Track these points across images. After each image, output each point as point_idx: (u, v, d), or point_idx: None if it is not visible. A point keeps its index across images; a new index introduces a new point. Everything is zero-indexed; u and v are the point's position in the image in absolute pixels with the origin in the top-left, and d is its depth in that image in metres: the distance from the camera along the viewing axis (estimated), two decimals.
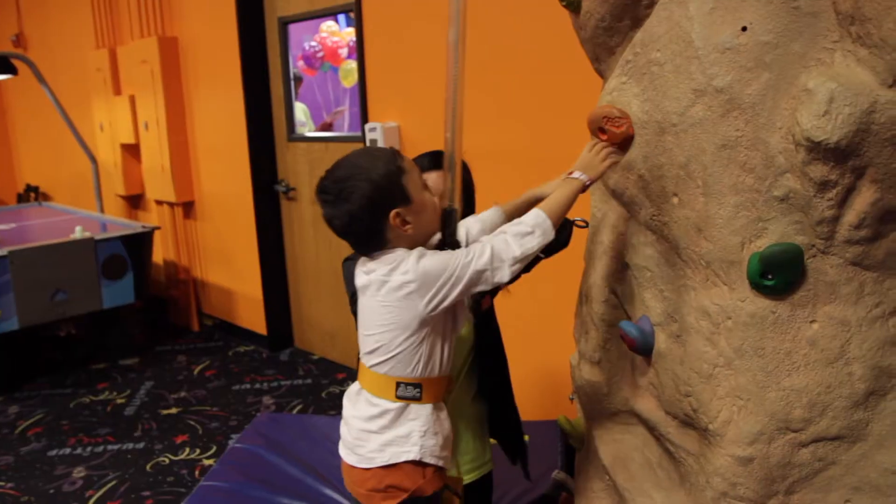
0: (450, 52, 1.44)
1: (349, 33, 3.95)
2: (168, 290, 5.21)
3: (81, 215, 5.14)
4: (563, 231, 1.48)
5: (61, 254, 3.93)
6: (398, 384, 1.38)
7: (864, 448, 1.17)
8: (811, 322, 1.15)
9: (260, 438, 2.66)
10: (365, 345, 1.43)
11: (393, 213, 1.32)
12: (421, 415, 1.39)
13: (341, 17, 4.45)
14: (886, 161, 1.00)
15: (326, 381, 4.04)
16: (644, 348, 1.44)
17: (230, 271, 4.75)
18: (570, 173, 1.36)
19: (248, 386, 4.01)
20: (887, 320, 1.12)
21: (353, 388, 1.48)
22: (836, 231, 1.09)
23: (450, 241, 1.42)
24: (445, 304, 1.32)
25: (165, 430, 3.50)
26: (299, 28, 4.06)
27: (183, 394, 3.93)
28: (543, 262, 1.62)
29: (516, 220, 1.34)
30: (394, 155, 1.37)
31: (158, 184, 4.92)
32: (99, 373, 4.28)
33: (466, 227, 1.49)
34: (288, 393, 3.90)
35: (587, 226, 1.68)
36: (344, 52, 4.52)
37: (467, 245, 1.39)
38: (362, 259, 1.43)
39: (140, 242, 4.30)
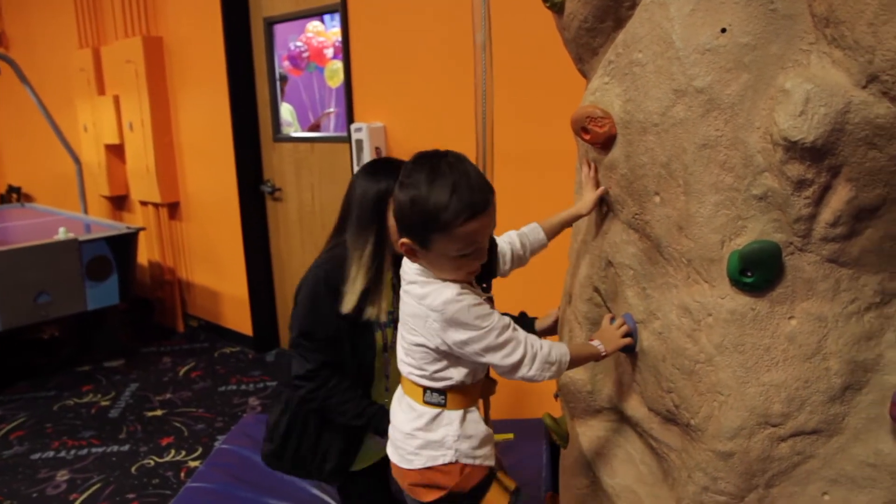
0: (477, 54, 1.43)
1: (335, 33, 3.95)
2: (153, 291, 5.19)
3: (65, 216, 5.11)
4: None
5: (44, 255, 3.90)
6: (424, 390, 1.40)
7: (841, 441, 1.19)
8: (789, 318, 1.17)
9: (246, 439, 2.66)
10: (399, 347, 1.46)
11: (403, 240, 1.31)
12: (453, 420, 1.40)
13: (327, 18, 4.45)
14: (860, 160, 1.02)
15: None
16: (631, 345, 1.46)
17: (216, 272, 4.73)
18: (592, 340, 1.43)
19: (233, 387, 4.00)
20: (862, 316, 1.15)
21: (399, 389, 1.50)
22: (813, 229, 1.11)
23: (487, 273, 1.46)
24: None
25: (151, 432, 3.49)
26: (285, 28, 4.06)
27: (168, 395, 3.92)
28: (529, 262, 1.64)
29: (550, 344, 1.36)
30: (475, 204, 1.26)
31: (143, 184, 4.90)
32: (83, 375, 4.25)
33: (510, 241, 1.59)
34: (274, 394, 3.89)
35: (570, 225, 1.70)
36: (329, 52, 4.51)
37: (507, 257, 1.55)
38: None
39: (125, 243, 4.27)
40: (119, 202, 5.51)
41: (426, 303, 1.31)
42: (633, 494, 1.53)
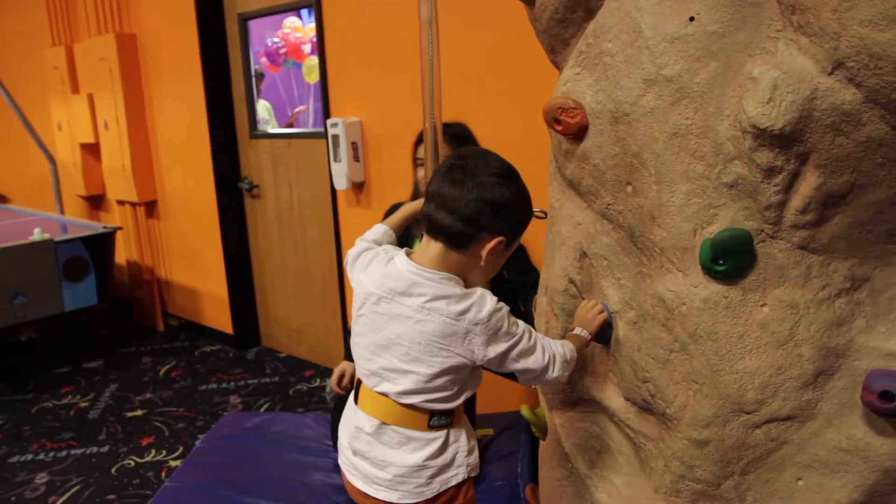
0: (423, 30, 1.41)
1: (312, 29, 3.92)
2: (132, 290, 5.14)
3: (41, 217, 5.04)
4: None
5: (20, 256, 3.85)
6: (432, 415, 1.32)
7: (815, 427, 1.20)
8: (762, 305, 1.18)
9: (226, 438, 2.64)
10: (391, 374, 1.32)
11: (499, 239, 1.26)
12: (460, 435, 1.37)
13: (304, 13, 4.41)
14: (828, 147, 1.02)
15: (294, 378, 4.01)
16: (608, 333, 1.46)
17: (195, 270, 4.69)
18: (572, 329, 1.44)
19: (214, 386, 3.98)
20: (833, 302, 1.15)
21: (364, 423, 1.36)
22: (784, 216, 1.11)
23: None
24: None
25: (131, 432, 3.45)
26: (261, 24, 4.03)
27: (148, 395, 3.88)
28: None
29: (560, 343, 1.37)
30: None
31: (119, 183, 4.84)
32: (62, 376, 4.21)
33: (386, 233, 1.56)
34: (255, 391, 3.87)
35: (546, 216, 1.69)
36: (307, 48, 4.48)
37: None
38: (417, 259, 1.32)
39: (102, 243, 4.22)
40: (96, 202, 5.45)
41: (469, 317, 1.24)
42: (611, 484, 1.54)
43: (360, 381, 1.41)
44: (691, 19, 1.13)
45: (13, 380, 4.17)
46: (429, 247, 1.31)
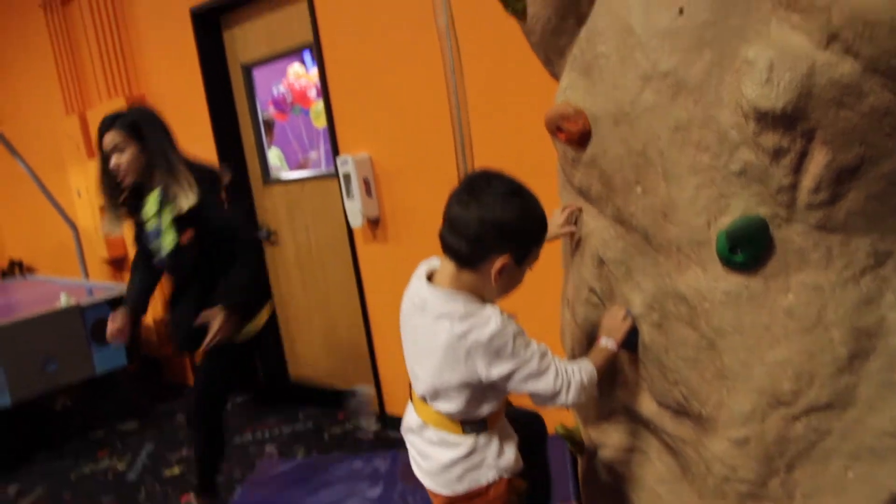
0: (442, 40, 1.44)
1: (316, 75, 3.98)
2: (161, 349, 5.16)
3: (66, 283, 5.11)
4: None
5: (48, 324, 3.89)
6: (464, 423, 1.38)
7: (856, 413, 1.15)
8: (786, 292, 1.15)
9: (263, 487, 2.62)
10: (422, 382, 1.40)
11: (505, 258, 1.27)
12: (492, 440, 1.40)
13: (308, 60, 4.48)
14: (833, 122, 1.01)
15: (328, 421, 3.99)
16: (634, 339, 1.43)
17: None
18: (598, 340, 1.43)
19: (249, 437, 3.96)
20: (858, 280, 1.12)
21: (413, 421, 1.46)
22: (797, 197, 1.09)
23: None
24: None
25: (170, 491, 3.44)
26: (265, 73, 4.09)
27: (185, 452, 3.87)
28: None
29: (579, 367, 1.37)
30: (546, 223, 1.34)
31: None
32: (98, 441, 4.21)
33: None
34: (290, 439, 3.84)
35: None
36: (312, 93, 4.54)
37: None
38: (437, 277, 1.37)
39: None
40: (119, 263, 5.52)
41: (470, 338, 1.28)
42: (654, 494, 1.50)
43: None
44: (680, 11, 1.13)
45: (50, 449, 4.19)
46: (445, 266, 1.36)
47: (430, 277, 1.39)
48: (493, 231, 1.26)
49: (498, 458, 1.40)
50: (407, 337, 1.44)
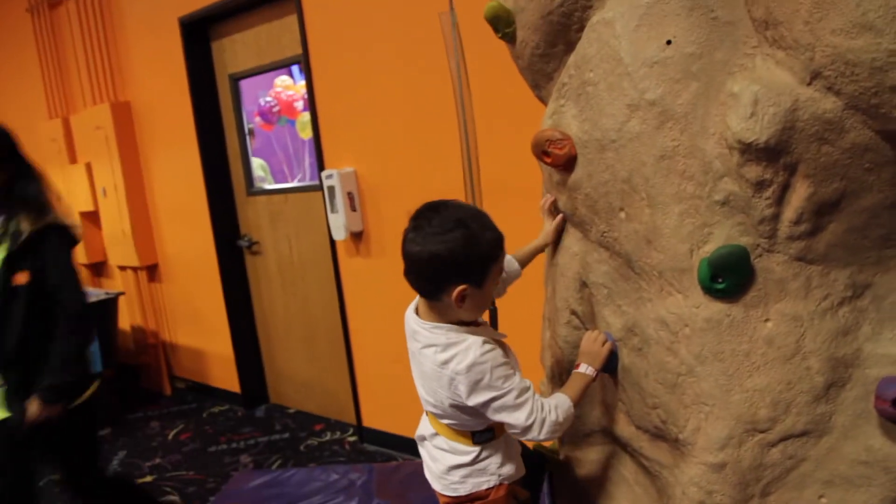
0: (453, 79, 1.46)
1: (304, 86, 3.98)
2: (137, 356, 5.11)
3: None
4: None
5: None
6: (473, 434, 1.42)
7: (831, 441, 1.17)
8: (765, 321, 1.17)
9: (236, 498, 2.59)
10: (425, 402, 1.46)
11: (462, 287, 1.28)
12: (498, 449, 1.44)
13: (295, 71, 4.49)
14: (815, 156, 1.03)
15: (304, 433, 3.96)
16: (614, 363, 1.45)
17: (199, 331, 4.67)
18: (577, 366, 1.45)
19: (224, 446, 3.92)
20: (836, 311, 1.14)
21: (426, 430, 1.51)
22: (778, 228, 1.11)
23: None
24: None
25: None
26: (252, 84, 4.09)
27: (158, 460, 3.83)
28: (509, 291, 1.63)
29: (555, 402, 1.38)
30: (501, 239, 1.34)
31: (120, 249, 4.86)
32: None
33: None
34: (266, 449, 3.81)
35: None
36: (300, 104, 4.54)
37: None
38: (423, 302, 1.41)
39: (104, 310, 4.21)
40: (97, 269, 5.46)
41: (451, 367, 1.32)
42: None
43: None
44: (668, 43, 1.15)
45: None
46: (420, 298, 1.41)
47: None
48: (441, 266, 1.27)
49: (500, 467, 1.44)
50: (412, 359, 1.48)
